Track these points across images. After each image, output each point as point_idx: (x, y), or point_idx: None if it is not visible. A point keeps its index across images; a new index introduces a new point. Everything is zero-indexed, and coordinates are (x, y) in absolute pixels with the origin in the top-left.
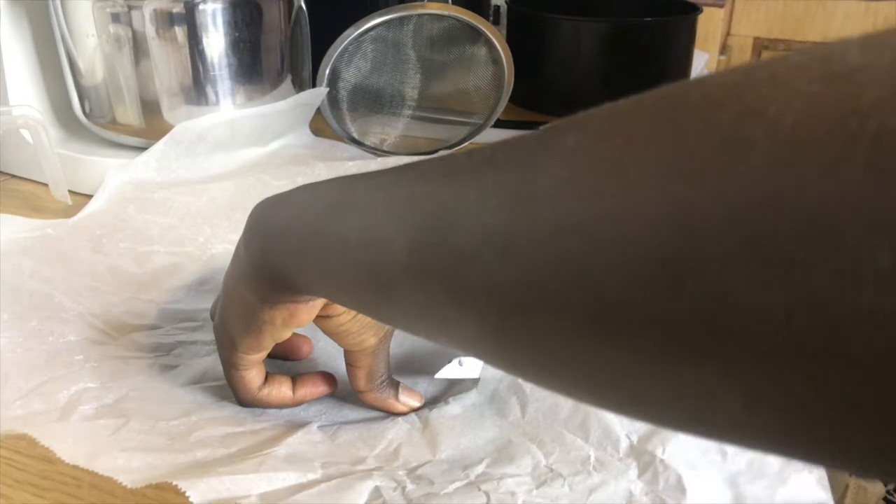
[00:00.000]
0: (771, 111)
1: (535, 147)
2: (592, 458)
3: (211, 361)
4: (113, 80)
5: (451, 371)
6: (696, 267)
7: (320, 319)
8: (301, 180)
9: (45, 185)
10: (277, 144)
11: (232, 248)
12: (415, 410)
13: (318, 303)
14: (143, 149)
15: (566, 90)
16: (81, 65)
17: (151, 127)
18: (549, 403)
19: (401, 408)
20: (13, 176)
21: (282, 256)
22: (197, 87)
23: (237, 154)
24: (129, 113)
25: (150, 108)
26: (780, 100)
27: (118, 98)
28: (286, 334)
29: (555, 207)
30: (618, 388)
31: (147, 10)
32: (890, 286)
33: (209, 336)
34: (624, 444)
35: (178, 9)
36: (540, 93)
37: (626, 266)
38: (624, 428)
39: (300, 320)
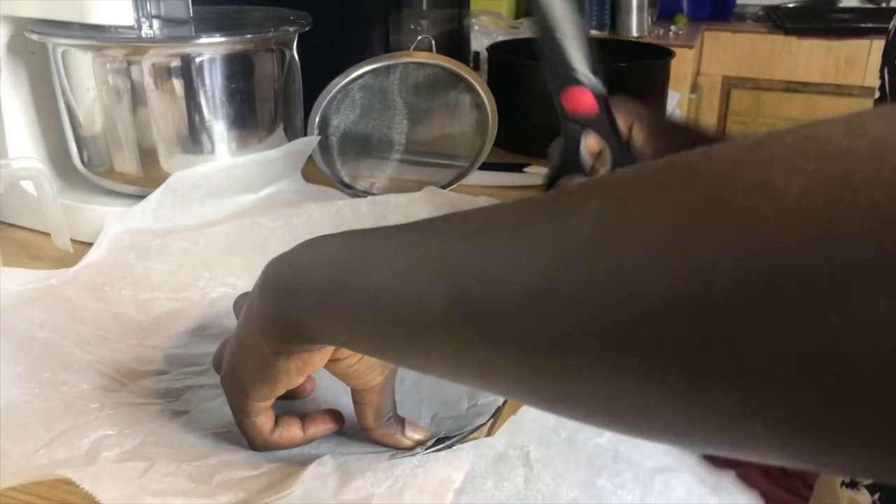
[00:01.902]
0: (777, 185)
1: (558, 210)
2: None
3: (218, 405)
4: (111, 131)
5: None
6: (716, 315)
7: (330, 363)
8: (295, 221)
9: (43, 233)
10: (270, 190)
11: (230, 291)
12: (420, 444)
13: (329, 349)
14: (140, 197)
15: (549, 133)
16: (81, 116)
17: (149, 175)
18: (552, 489)
19: (407, 443)
20: (10, 225)
21: (300, 309)
22: (193, 137)
23: (231, 201)
24: (127, 162)
25: (147, 156)
26: (783, 176)
27: (116, 148)
28: (299, 381)
29: (586, 263)
30: (651, 417)
31: (146, 64)
32: (888, 327)
33: (214, 379)
34: None
35: (175, 63)
36: (523, 136)
37: (652, 313)
38: None
39: (313, 367)
